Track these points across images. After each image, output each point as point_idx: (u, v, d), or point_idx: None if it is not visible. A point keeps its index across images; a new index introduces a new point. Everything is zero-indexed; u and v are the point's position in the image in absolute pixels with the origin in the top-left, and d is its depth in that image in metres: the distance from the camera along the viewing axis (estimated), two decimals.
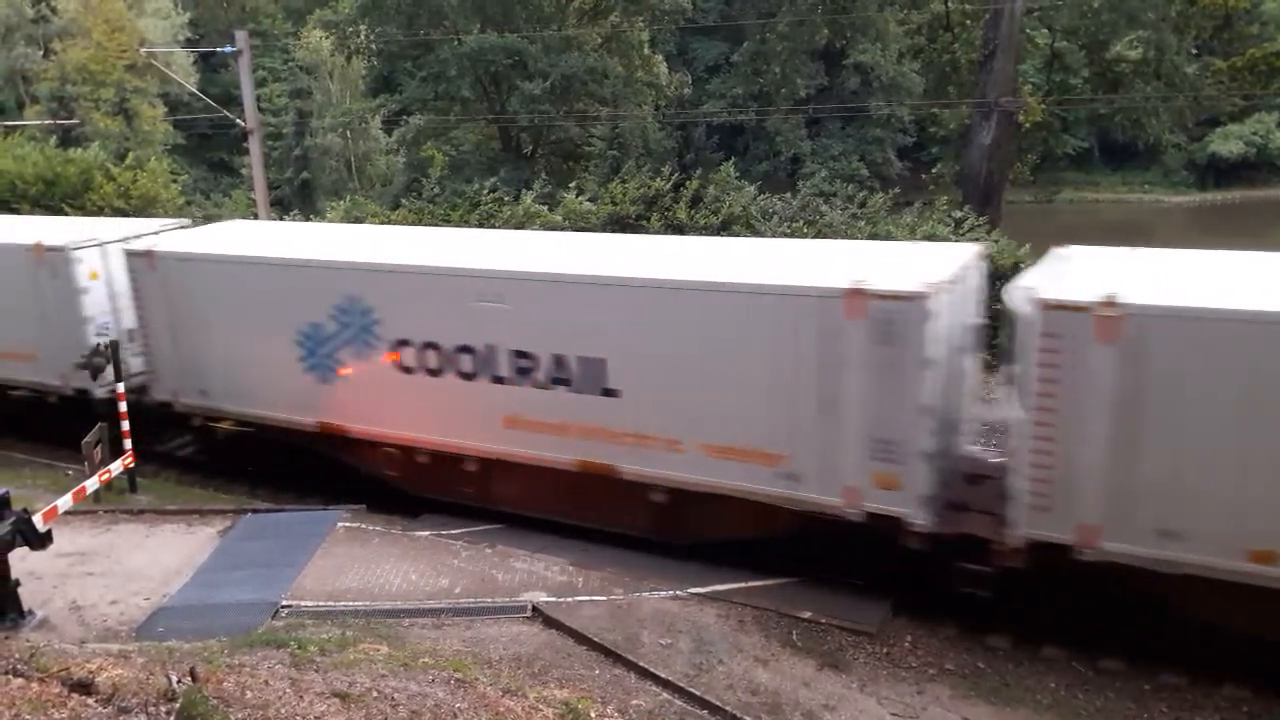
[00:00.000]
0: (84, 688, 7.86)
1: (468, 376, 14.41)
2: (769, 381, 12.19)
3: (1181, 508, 10.31)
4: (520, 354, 13.96)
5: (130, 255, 17.16)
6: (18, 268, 18.31)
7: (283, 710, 8.07)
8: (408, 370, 14.87)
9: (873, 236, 22.77)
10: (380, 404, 15.26)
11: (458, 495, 15.19)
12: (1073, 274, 11.63)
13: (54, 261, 17.86)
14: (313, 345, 15.60)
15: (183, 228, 19.38)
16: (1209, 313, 10.09)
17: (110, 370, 16.26)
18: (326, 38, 51.68)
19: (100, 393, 17.30)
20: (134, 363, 17.62)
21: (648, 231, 23.47)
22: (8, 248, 18.68)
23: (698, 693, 10.49)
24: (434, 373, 14.67)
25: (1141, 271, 11.75)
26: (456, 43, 42.40)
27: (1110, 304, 10.24)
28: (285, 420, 16.20)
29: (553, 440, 13.95)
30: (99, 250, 17.98)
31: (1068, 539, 10.85)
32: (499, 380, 14.20)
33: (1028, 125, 36.11)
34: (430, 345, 14.62)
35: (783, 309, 11.96)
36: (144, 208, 30.98)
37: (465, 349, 14.38)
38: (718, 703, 10.35)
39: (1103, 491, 10.58)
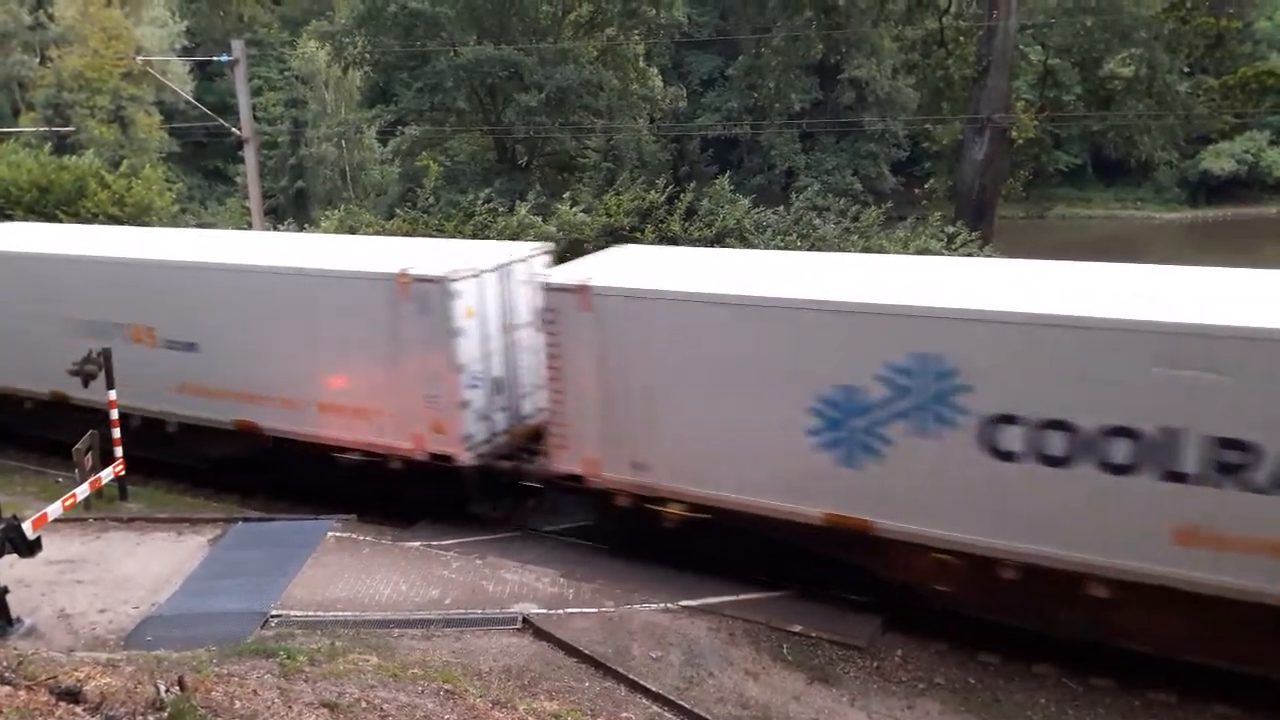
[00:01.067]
0: (72, 696, 7.82)
1: (1120, 470, 10.69)
2: None
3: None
4: (1227, 442, 10.21)
5: (554, 291, 13.70)
6: (370, 303, 15.02)
7: None
8: (1007, 456, 11.23)
9: (865, 250, 22.88)
10: (947, 497, 11.65)
11: (1062, 626, 11.66)
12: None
13: (425, 295, 14.47)
14: (840, 415, 12.03)
15: (547, 251, 16.49)
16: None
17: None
18: (322, 48, 51.75)
19: (466, 459, 14.87)
20: (496, 419, 15.39)
21: (642, 243, 23.50)
22: (358, 278, 15.28)
23: (688, 706, 10.48)
24: (1055, 461, 10.99)
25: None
26: (452, 54, 42.46)
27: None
28: (773, 509, 12.66)
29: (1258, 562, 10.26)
30: (475, 281, 14.92)
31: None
32: (1177, 478, 10.46)
33: (1021, 141, 36.24)
34: (1054, 424, 10.91)
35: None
36: (138, 216, 30.95)
37: (1123, 432, 10.64)
38: (708, 716, 10.34)
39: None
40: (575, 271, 14.18)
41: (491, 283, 15.25)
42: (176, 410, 17.38)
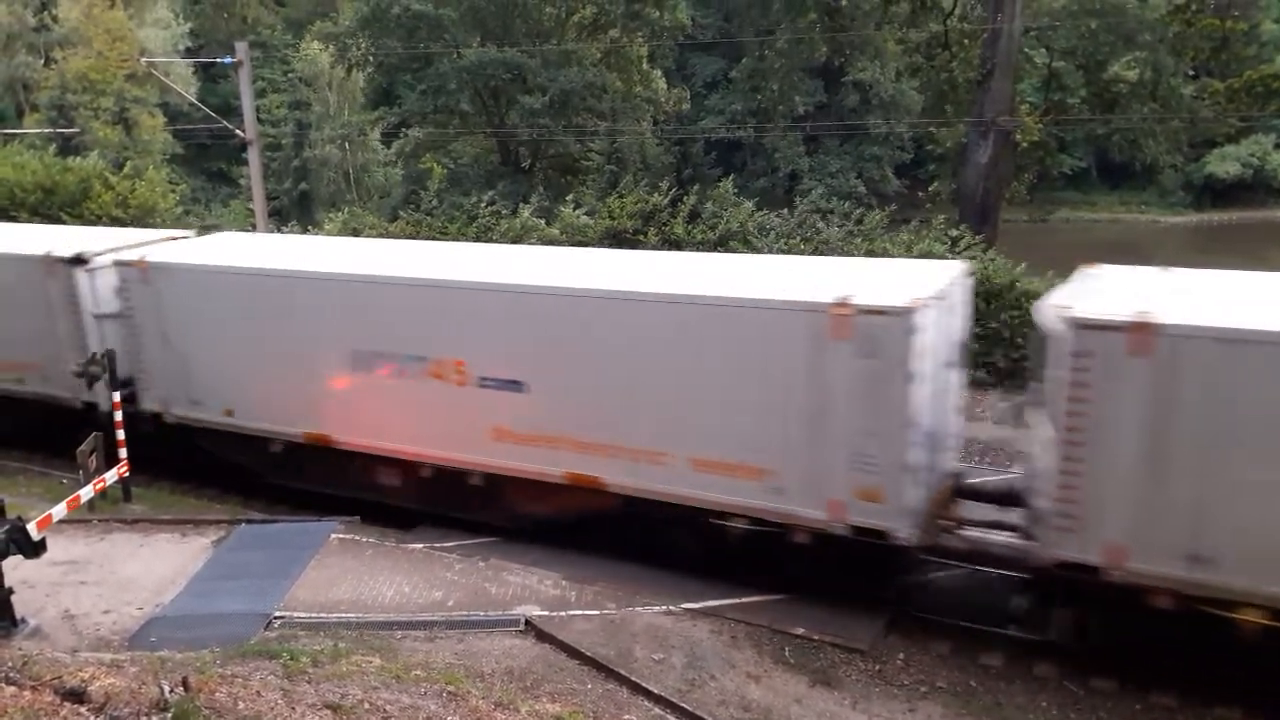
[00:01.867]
0: (76, 696, 7.86)
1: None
2: None
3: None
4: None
5: (1088, 329, 10.71)
6: (782, 338, 12.25)
7: None
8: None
9: (869, 253, 22.89)
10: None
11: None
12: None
13: (873, 332, 11.59)
14: None
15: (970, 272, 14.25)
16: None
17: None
18: (325, 50, 51.86)
19: (907, 535, 12.01)
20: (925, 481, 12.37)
21: (644, 246, 23.50)
22: (768, 307, 12.37)
23: (689, 708, 10.48)
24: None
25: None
26: (456, 56, 42.56)
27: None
28: None
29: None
30: (933, 311, 11.91)
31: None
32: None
33: (1025, 144, 36.27)
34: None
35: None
36: (142, 217, 31.03)
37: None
38: (709, 718, 10.35)
39: None
40: (1113, 303, 11.06)
41: (936, 313, 12.14)
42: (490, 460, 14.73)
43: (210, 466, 17.30)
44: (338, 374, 15.43)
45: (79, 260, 17.55)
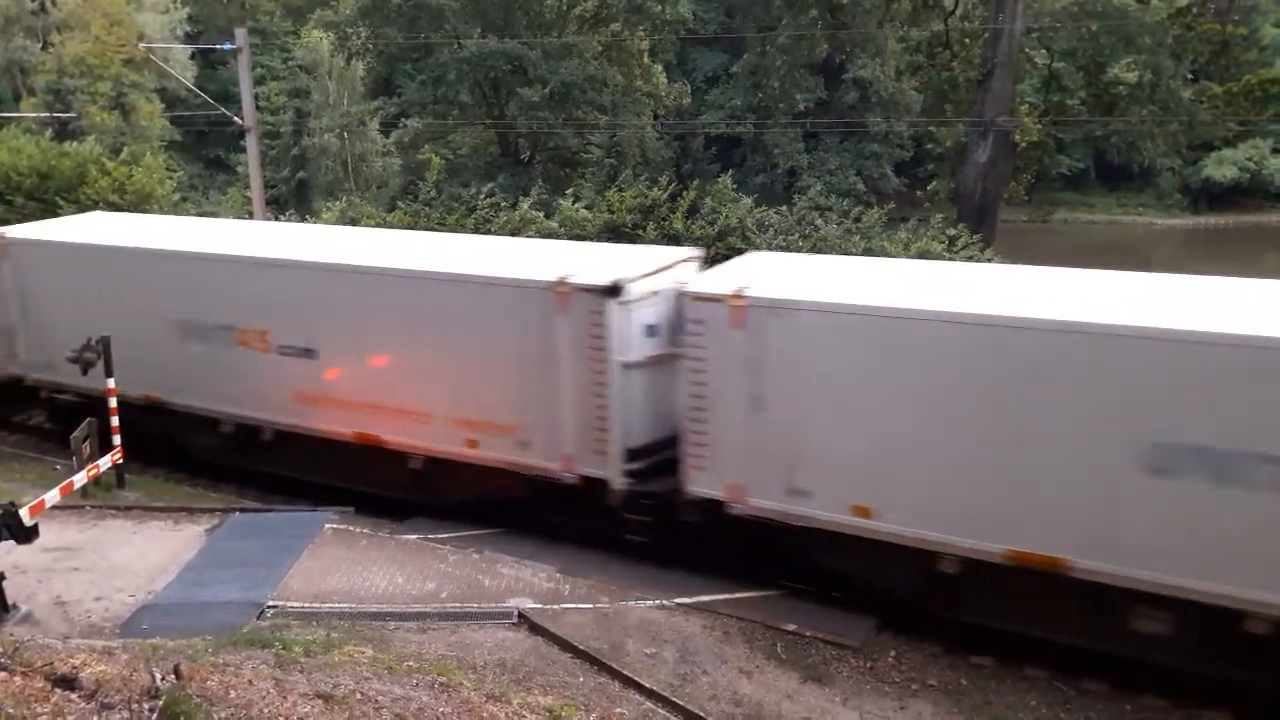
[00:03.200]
0: (68, 683, 7.85)
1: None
2: None
3: None
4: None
5: None
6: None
7: (266, 710, 8.07)
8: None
9: (867, 251, 22.90)
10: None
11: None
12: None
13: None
14: None
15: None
16: None
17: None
18: (325, 38, 51.69)
19: None
20: None
21: (643, 240, 23.51)
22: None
23: (681, 703, 10.50)
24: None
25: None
26: (456, 47, 42.45)
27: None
28: None
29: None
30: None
31: None
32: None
33: (1024, 145, 36.29)
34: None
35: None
36: (138, 204, 30.92)
37: None
38: (701, 713, 10.37)
39: None
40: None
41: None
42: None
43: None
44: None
45: None
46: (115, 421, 15.84)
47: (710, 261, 15.90)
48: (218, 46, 30.46)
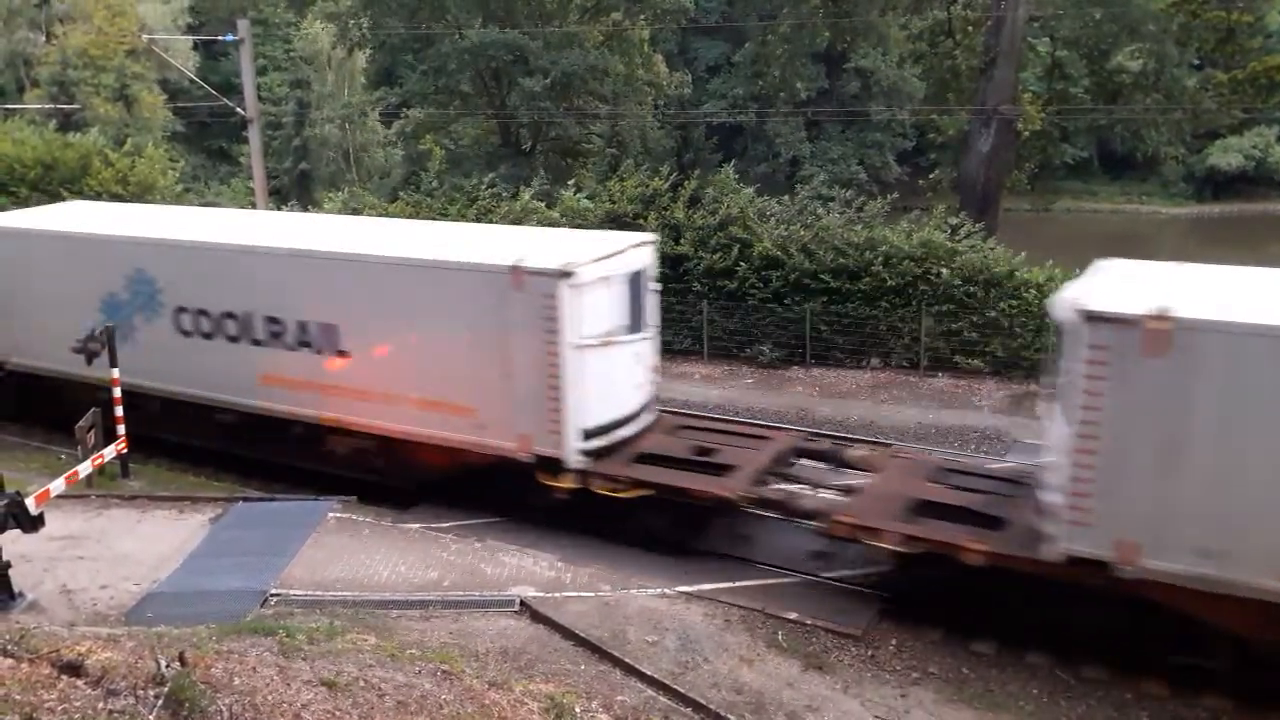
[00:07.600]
0: (74, 670, 7.91)
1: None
2: None
3: None
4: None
5: None
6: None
7: (270, 697, 8.12)
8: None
9: (868, 240, 22.91)
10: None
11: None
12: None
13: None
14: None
15: None
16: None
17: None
18: (326, 29, 51.58)
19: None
20: None
21: (644, 230, 23.52)
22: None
23: (682, 690, 10.55)
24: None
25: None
26: (457, 37, 42.33)
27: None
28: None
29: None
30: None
31: None
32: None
33: (1027, 133, 36.14)
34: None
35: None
36: (141, 194, 30.97)
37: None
38: (702, 701, 10.41)
39: None
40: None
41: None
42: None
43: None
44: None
45: None
46: (120, 411, 15.90)
47: None
48: (220, 38, 30.35)
